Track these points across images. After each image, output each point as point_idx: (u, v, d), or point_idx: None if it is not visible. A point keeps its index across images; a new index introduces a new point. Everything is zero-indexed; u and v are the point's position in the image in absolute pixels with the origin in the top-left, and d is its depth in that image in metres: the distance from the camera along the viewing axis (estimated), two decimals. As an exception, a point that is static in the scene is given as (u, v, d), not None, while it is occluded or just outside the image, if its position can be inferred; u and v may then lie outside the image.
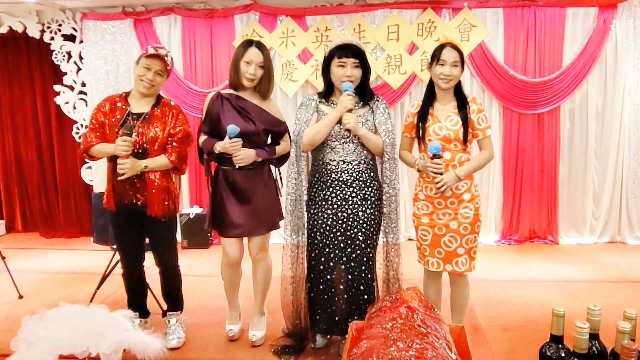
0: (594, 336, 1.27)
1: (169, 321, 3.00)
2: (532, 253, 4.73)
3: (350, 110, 2.56)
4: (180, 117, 2.84)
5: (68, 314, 1.33)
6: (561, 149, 4.93)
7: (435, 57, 2.55)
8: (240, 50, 2.73)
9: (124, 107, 2.78)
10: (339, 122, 2.59)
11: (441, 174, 2.51)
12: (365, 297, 2.64)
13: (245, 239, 2.93)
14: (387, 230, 2.74)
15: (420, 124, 2.60)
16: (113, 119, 2.76)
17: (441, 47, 2.54)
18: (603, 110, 4.86)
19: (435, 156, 2.50)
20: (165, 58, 2.76)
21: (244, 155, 2.69)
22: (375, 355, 1.31)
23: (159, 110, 2.80)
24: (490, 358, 2.78)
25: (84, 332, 1.30)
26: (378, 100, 2.70)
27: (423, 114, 2.61)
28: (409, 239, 5.01)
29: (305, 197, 2.75)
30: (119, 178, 2.68)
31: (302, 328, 2.81)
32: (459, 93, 2.60)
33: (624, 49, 4.72)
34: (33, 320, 1.32)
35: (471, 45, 4.77)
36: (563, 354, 1.28)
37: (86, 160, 2.89)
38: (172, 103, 2.91)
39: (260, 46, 2.74)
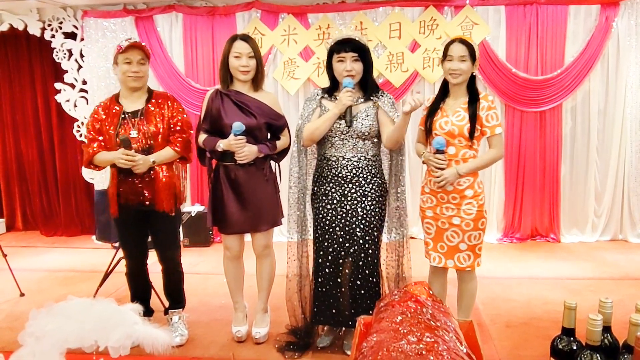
0: (606, 329, 1.26)
1: (171, 319, 3.00)
2: (534, 251, 4.73)
3: (350, 107, 2.56)
4: (175, 105, 2.85)
5: (75, 307, 1.32)
6: (563, 147, 4.93)
7: (445, 53, 2.59)
8: (227, 46, 2.75)
9: (116, 108, 2.77)
10: (340, 118, 2.59)
11: (443, 169, 2.51)
12: (363, 292, 2.64)
13: (249, 237, 2.92)
14: (391, 227, 2.73)
15: (428, 118, 2.62)
16: (107, 124, 2.75)
17: (450, 43, 2.58)
18: (605, 108, 4.87)
19: (438, 151, 2.51)
20: (142, 44, 2.78)
21: (248, 152, 2.69)
22: (386, 348, 1.29)
23: (154, 104, 2.79)
24: (495, 354, 2.78)
25: (91, 325, 1.29)
26: (383, 95, 2.69)
27: (433, 108, 2.64)
28: (412, 237, 5.00)
29: (309, 192, 2.76)
30: (137, 171, 2.68)
31: (307, 323, 2.81)
32: (472, 89, 2.60)
33: (626, 46, 4.72)
34: (41, 314, 1.31)
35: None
36: (575, 347, 1.27)
37: (92, 169, 2.88)
38: (165, 93, 2.92)
39: (245, 38, 2.76)
